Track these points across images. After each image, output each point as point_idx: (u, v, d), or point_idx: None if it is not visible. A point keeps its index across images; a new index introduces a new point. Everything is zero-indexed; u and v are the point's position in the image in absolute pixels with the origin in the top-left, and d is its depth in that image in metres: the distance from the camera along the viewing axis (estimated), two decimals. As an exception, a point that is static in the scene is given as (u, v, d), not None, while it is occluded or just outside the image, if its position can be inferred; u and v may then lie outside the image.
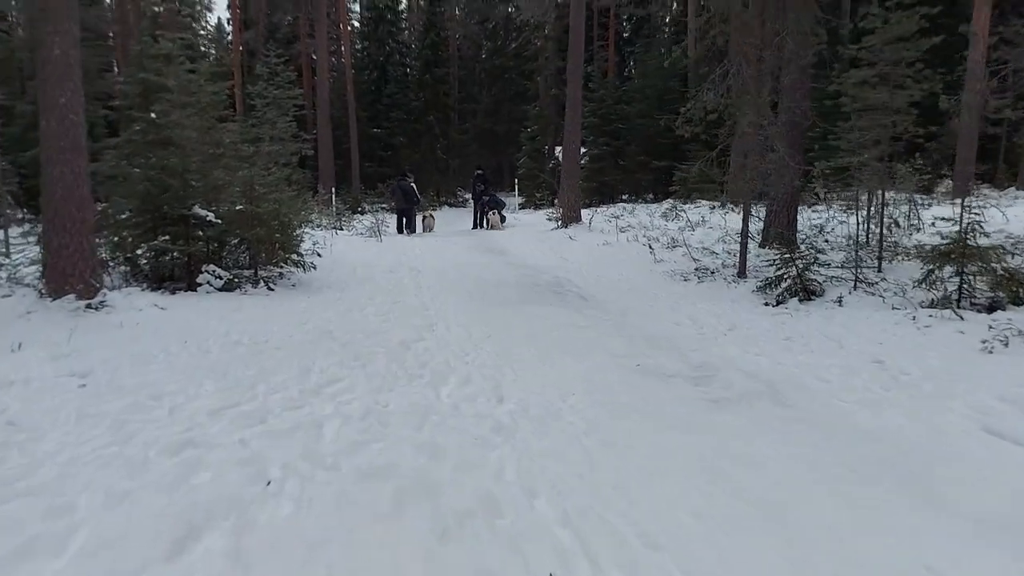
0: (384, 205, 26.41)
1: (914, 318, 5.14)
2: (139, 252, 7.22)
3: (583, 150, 22.96)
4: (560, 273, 8.71)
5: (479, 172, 17.47)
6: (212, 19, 38.86)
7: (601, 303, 6.73)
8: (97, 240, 7.09)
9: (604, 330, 5.65)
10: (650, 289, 7.28)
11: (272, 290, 7.44)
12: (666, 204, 18.92)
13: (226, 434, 3.44)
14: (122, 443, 3.35)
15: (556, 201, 22.42)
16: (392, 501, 2.69)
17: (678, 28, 33.48)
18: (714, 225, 11.38)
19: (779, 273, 6.18)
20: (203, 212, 7.20)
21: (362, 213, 23.55)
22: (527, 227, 15.29)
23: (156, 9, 28.53)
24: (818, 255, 6.31)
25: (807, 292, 6.07)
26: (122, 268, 7.34)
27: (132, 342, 5.27)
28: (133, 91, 9.38)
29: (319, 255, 9.88)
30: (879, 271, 6.91)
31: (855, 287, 6.13)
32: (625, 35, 33.85)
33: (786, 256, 6.12)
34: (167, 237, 7.06)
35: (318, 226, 15.57)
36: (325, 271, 8.74)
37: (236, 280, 7.31)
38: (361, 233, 14.28)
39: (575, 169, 14.12)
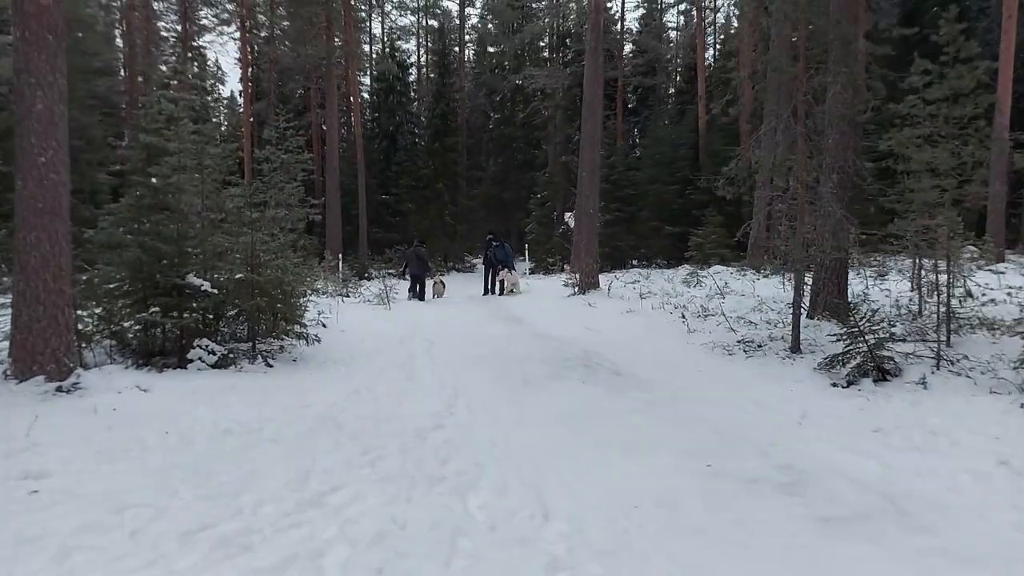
0: (391, 271, 26.01)
1: (1023, 405, 4.36)
2: (126, 325, 6.54)
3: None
4: (588, 345, 7.97)
5: (490, 237, 16.86)
6: (225, 91, 39.78)
7: (644, 382, 5.96)
8: (80, 312, 6.45)
9: (655, 416, 4.86)
10: (694, 365, 6.51)
11: (271, 366, 6.70)
12: (682, 270, 18.38)
13: (197, 571, 2.65)
14: (62, 584, 2.57)
15: (568, 267, 21.96)
16: None
17: (684, 98, 34.14)
18: (745, 293, 10.71)
19: (847, 349, 5.43)
20: (198, 281, 6.57)
21: (369, 279, 23.06)
22: (541, 293, 14.64)
23: (168, 81, 29.05)
24: (892, 329, 5.57)
25: (881, 371, 5.30)
26: (107, 342, 6.64)
27: (103, 433, 4.51)
28: (136, 156, 8.97)
29: (324, 325, 9.20)
30: (948, 345, 6.16)
31: (938, 366, 5.37)
32: (630, 105, 34.34)
33: (853, 330, 5.39)
34: (157, 309, 6.40)
35: (324, 292, 14.98)
36: (330, 343, 8.02)
37: (231, 355, 6.59)
38: (369, 300, 13.65)
39: (593, 234, 13.58)
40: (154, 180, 6.99)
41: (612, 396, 5.55)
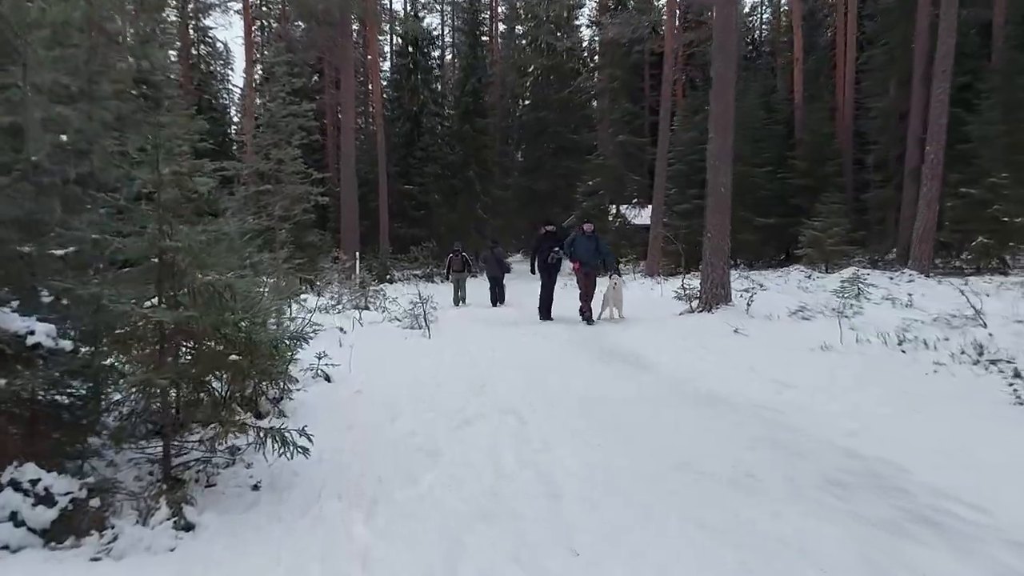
0: (417, 272, 22.35)
1: None
2: None
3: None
4: (829, 431, 4.08)
5: (549, 229, 11.21)
6: (235, 79, 36.13)
7: None
8: None
9: None
10: None
11: (190, 528, 2.89)
12: (796, 271, 14.43)
13: None
14: None
15: (645, 267, 18.27)
16: None
17: (747, 73, 30.02)
18: (993, 313, 6.74)
19: None
20: (21, 324, 2.82)
21: (391, 282, 19.40)
22: (634, 306, 10.69)
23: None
24: None
25: None
26: None
27: None
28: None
29: (327, 379, 5.45)
30: None
31: None
32: (689, 79, 30.29)
33: None
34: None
35: (335, 306, 11.28)
36: (333, 428, 4.26)
37: (95, 501, 2.83)
38: (397, 318, 9.88)
39: (724, 222, 9.42)
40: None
41: None
